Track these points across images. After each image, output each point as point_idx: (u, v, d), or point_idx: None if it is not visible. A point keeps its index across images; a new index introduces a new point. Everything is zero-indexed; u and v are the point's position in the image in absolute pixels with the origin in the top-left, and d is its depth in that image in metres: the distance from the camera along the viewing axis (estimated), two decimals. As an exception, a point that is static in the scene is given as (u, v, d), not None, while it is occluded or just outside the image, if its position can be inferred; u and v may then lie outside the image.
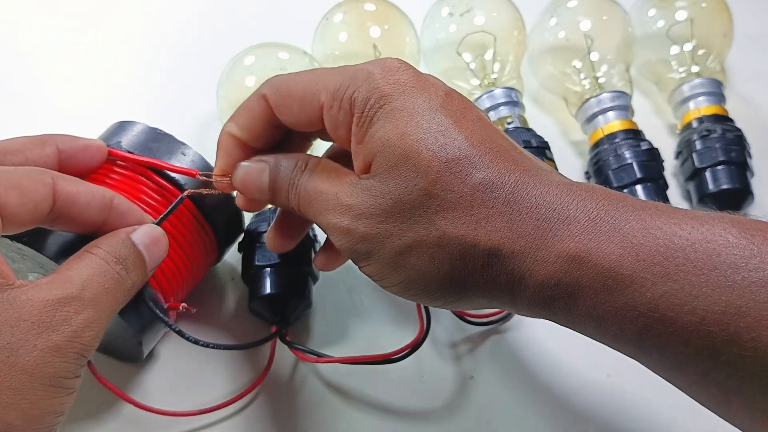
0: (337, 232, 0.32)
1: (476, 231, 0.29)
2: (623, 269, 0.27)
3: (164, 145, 0.41)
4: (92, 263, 0.32)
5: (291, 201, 0.34)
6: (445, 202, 0.30)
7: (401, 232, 0.30)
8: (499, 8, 0.54)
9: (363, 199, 0.31)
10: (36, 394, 0.28)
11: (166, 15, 0.64)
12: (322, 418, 0.42)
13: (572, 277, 0.28)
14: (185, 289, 0.42)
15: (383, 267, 0.31)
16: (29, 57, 0.60)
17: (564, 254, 0.28)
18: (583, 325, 0.29)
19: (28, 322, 0.28)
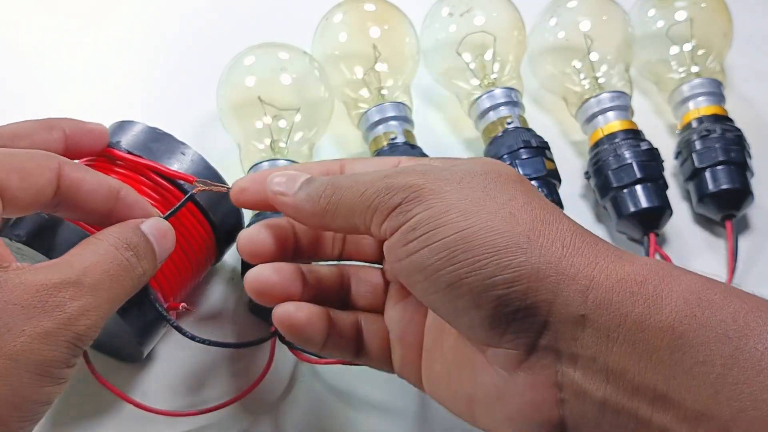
0: (405, 173, 0.30)
1: (562, 215, 0.29)
2: (714, 298, 0.26)
3: (164, 144, 0.41)
4: (99, 249, 0.31)
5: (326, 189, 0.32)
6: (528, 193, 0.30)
7: (485, 185, 0.30)
8: (499, 8, 0.54)
9: (439, 165, 0.31)
10: (19, 381, 0.27)
11: (166, 15, 0.64)
12: (321, 418, 0.42)
13: (663, 279, 0.27)
14: (185, 289, 0.42)
15: (449, 209, 0.28)
16: (29, 57, 0.60)
17: (652, 261, 0.28)
18: (655, 342, 0.26)
19: (18, 306, 0.27)
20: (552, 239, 0.28)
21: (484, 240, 0.28)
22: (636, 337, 0.26)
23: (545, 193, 0.47)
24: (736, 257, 0.48)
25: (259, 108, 0.48)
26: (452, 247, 0.28)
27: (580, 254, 0.28)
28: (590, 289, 0.27)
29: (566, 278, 0.27)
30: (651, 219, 0.47)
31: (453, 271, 0.28)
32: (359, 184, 0.31)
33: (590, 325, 0.27)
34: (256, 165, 0.47)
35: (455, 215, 0.28)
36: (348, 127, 0.54)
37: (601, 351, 0.27)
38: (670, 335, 0.26)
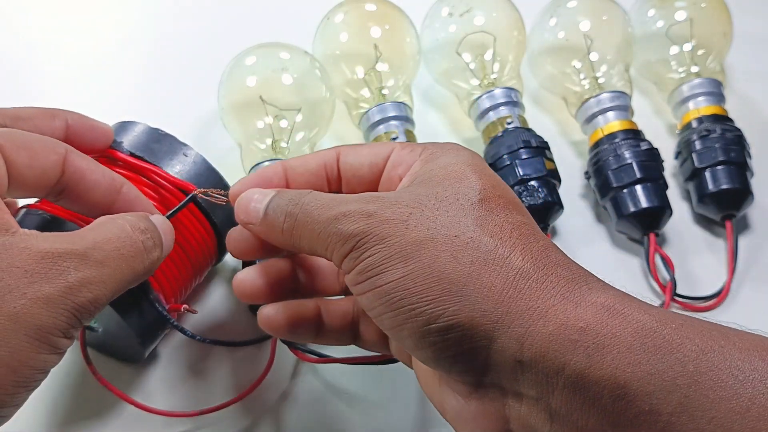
0: (352, 216, 0.30)
1: (512, 251, 0.28)
2: (665, 333, 0.26)
3: (166, 146, 0.41)
4: (115, 227, 0.31)
5: (287, 212, 0.32)
6: (487, 218, 0.29)
7: (432, 224, 0.29)
8: (499, 8, 0.54)
9: (400, 194, 0.31)
10: (18, 343, 0.27)
11: (168, 15, 0.64)
12: (322, 418, 0.42)
13: (606, 326, 0.26)
14: (186, 290, 0.42)
15: (393, 254, 0.28)
16: (29, 57, 0.60)
17: (600, 303, 0.27)
18: (598, 393, 0.26)
19: (21, 269, 0.27)
20: (491, 283, 0.27)
21: (421, 287, 0.28)
22: (576, 386, 0.26)
23: (545, 194, 0.47)
24: (736, 257, 0.48)
25: (261, 108, 0.48)
26: (392, 294, 0.28)
27: (520, 298, 0.27)
28: (526, 336, 0.27)
29: (502, 326, 0.27)
30: (651, 219, 0.47)
31: (393, 317, 0.29)
32: (314, 222, 0.31)
33: (528, 370, 0.27)
34: (257, 165, 0.47)
35: (396, 261, 0.28)
36: (349, 127, 0.54)
37: (543, 393, 0.27)
38: (612, 384, 0.25)
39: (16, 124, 0.34)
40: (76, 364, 0.42)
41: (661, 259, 0.47)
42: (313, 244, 0.31)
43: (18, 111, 0.35)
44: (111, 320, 0.38)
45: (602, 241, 0.50)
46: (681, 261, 0.48)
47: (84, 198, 0.33)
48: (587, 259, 0.48)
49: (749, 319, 0.46)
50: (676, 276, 0.47)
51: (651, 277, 0.47)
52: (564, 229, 0.50)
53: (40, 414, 0.41)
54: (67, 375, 0.42)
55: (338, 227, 0.30)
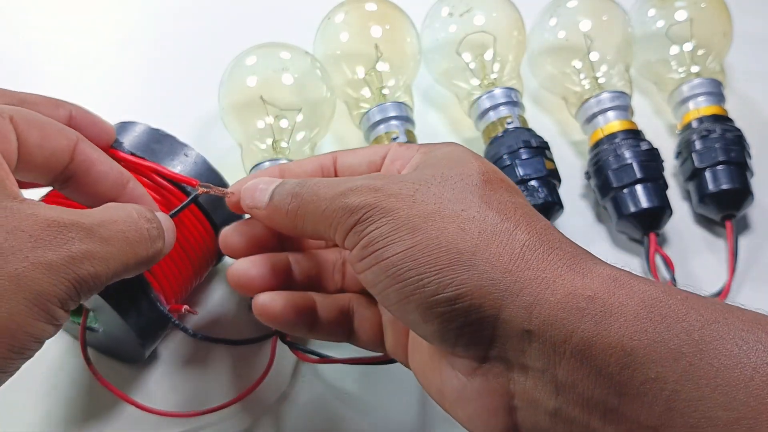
0: (359, 191, 0.30)
1: (516, 227, 0.29)
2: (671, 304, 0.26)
3: (166, 146, 0.41)
4: (122, 211, 0.31)
5: (293, 193, 0.32)
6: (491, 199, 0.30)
7: (438, 199, 0.29)
8: (499, 8, 0.54)
9: (406, 175, 0.31)
10: (17, 306, 0.26)
11: (168, 15, 0.64)
12: (322, 418, 0.42)
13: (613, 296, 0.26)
14: (187, 290, 0.42)
15: (398, 227, 0.29)
16: (29, 57, 0.60)
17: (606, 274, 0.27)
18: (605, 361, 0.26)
19: (26, 233, 0.27)
20: (499, 253, 0.28)
21: (428, 257, 0.28)
22: (584, 354, 0.26)
23: (545, 194, 0.47)
24: (736, 257, 0.48)
25: (261, 108, 0.48)
26: (399, 265, 0.28)
27: (527, 268, 0.28)
28: (534, 305, 0.27)
29: (510, 294, 0.27)
30: (651, 219, 0.47)
31: (400, 289, 0.28)
32: (320, 200, 0.31)
33: (536, 340, 0.27)
34: (258, 165, 0.47)
35: (404, 233, 0.29)
36: (349, 127, 0.54)
37: (550, 364, 0.27)
38: (619, 352, 0.25)
39: (22, 106, 0.34)
40: (76, 364, 0.42)
41: (661, 259, 0.47)
42: (317, 223, 0.31)
43: (23, 95, 0.35)
44: (111, 321, 0.38)
45: (602, 241, 0.50)
46: (681, 261, 0.48)
47: (90, 188, 0.34)
48: (587, 259, 0.48)
49: (749, 319, 0.46)
50: (676, 276, 0.47)
51: (651, 277, 0.47)
52: (564, 229, 0.50)
53: (40, 414, 0.41)
54: (68, 375, 0.42)
55: (344, 201, 0.30)
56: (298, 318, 0.35)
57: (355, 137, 0.54)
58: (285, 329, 0.36)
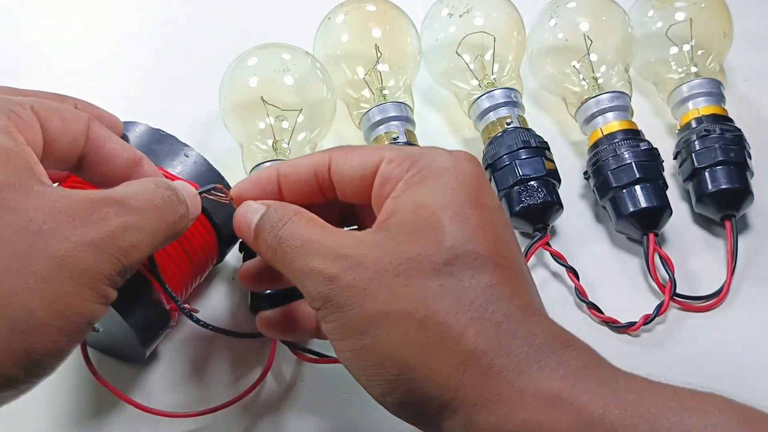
0: (316, 277, 0.30)
1: (466, 327, 0.28)
2: (609, 420, 0.25)
3: (167, 146, 0.41)
4: (142, 183, 0.32)
5: (269, 244, 0.32)
6: (449, 285, 0.28)
7: (389, 297, 0.28)
8: (499, 9, 0.54)
9: (366, 251, 0.29)
10: (63, 287, 0.26)
11: (169, 15, 0.64)
12: (322, 417, 0.42)
13: (546, 419, 0.26)
14: (187, 289, 0.42)
15: (349, 328, 0.29)
16: (30, 57, 0.60)
17: (545, 390, 0.26)
18: None
19: (64, 213, 0.27)
20: (440, 369, 0.28)
21: (374, 363, 0.29)
22: None
23: (545, 194, 0.47)
24: (736, 257, 0.48)
25: (262, 108, 0.48)
26: (349, 364, 0.30)
27: (466, 386, 0.27)
28: (470, 425, 0.27)
29: (448, 410, 0.28)
30: (650, 219, 0.47)
31: (357, 377, 0.30)
32: (288, 266, 0.31)
33: None
34: (258, 165, 0.47)
35: (352, 334, 0.29)
36: (349, 127, 0.54)
37: None
38: None
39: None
40: (76, 364, 0.42)
41: (660, 259, 0.47)
42: (291, 280, 0.32)
43: (27, 92, 0.36)
44: (112, 320, 0.38)
45: (602, 241, 0.50)
46: (680, 261, 0.48)
47: (104, 167, 0.34)
48: (587, 259, 0.48)
49: (749, 319, 0.46)
50: (676, 276, 0.47)
51: (650, 277, 0.47)
52: (564, 229, 0.50)
53: (40, 414, 0.41)
54: (68, 375, 0.42)
55: (306, 284, 0.30)
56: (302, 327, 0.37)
57: (355, 137, 0.54)
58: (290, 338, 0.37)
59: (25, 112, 0.31)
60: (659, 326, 0.46)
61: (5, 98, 0.31)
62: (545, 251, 0.48)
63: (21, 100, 0.31)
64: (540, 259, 0.49)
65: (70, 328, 0.27)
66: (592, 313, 0.46)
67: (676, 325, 0.46)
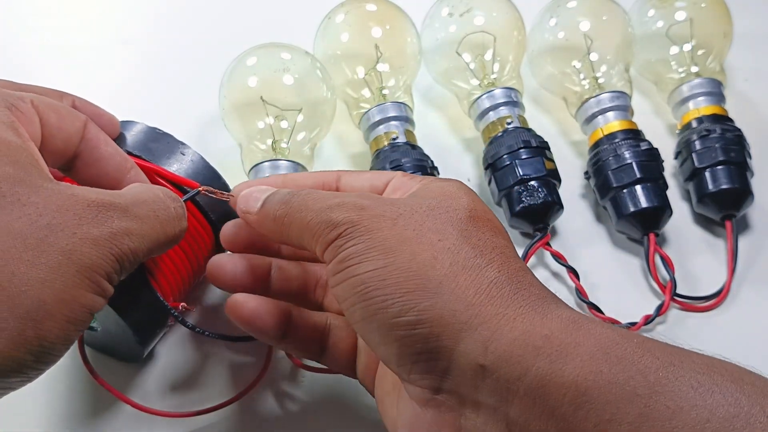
0: (345, 207, 0.31)
1: (488, 266, 0.29)
2: (625, 348, 0.26)
3: (163, 144, 0.41)
4: (150, 191, 0.33)
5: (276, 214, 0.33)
6: (470, 236, 0.30)
7: (418, 227, 0.30)
8: (499, 8, 0.54)
9: (395, 198, 0.32)
10: (70, 279, 0.28)
11: (169, 15, 0.64)
12: (320, 418, 0.42)
13: (569, 337, 0.27)
14: (185, 289, 0.42)
15: (376, 246, 0.29)
16: (29, 57, 0.60)
17: (566, 317, 0.27)
18: (558, 401, 0.26)
19: (71, 212, 0.28)
20: (465, 286, 0.28)
21: (396, 280, 0.28)
22: (537, 393, 0.26)
23: (545, 194, 0.47)
24: (736, 257, 0.48)
25: (261, 108, 0.48)
26: (367, 283, 0.29)
27: (490, 304, 0.28)
28: (491, 340, 0.27)
29: (469, 327, 0.27)
30: (651, 219, 0.47)
31: (365, 306, 0.29)
32: (307, 210, 0.32)
33: (490, 376, 0.27)
34: (258, 165, 0.47)
35: (377, 253, 0.29)
36: (349, 127, 0.54)
37: (502, 402, 0.27)
38: (574, 392, 0.25)
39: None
40: (74, 363, 0.42)
41: (660, 259, 0.47)
42: (302, 233, 0.32)
43: (27, 86, 0.36)
44: (109, 319, 0.38)
45: (602, 241, 0.50)
46: (681, 261, 0.48)
47: (94, 168, 0.35)
48: (587, 259, 0.48)
49: (749, 319, 0.46)
50: (676, 276, 0.47)
51: (651, 277, 0.47)
52: (564, 229, 0.50)
53: (37, 413, 0.41)
54: (65, 374, 0.42)
55: (329, 215, 0.31)
56: (270, 324, 0.35)
57: (355, 137, 0.54)
58: (255, 333, 0.36)
59: (25, 107, 0.31)
60: (660, 326, 0.46)
61: (6, 92, 0.32)
62: (545, 251, 0.48)
63: (21, 95, 0.32)
64: (540, 259, 0.49)
65: (76, 317, 0.28)
66: (593, 314, 0.46)
67: (676, 325, 0.46)
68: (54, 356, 0.28)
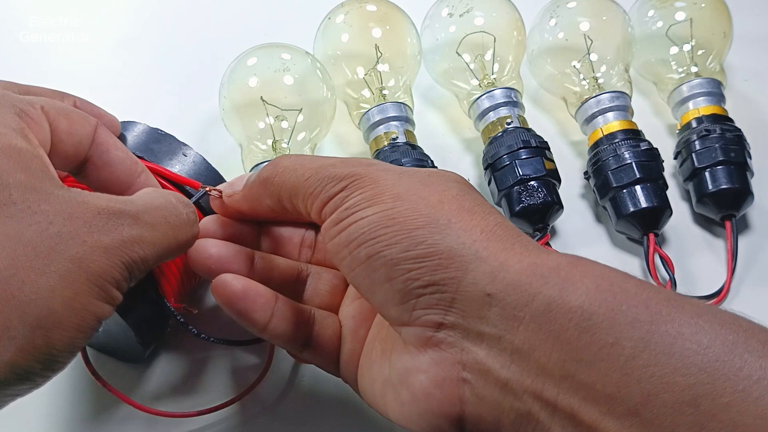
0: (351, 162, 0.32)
1: (490, 213, 0.30)
2: (629, 285, 0.27)
3: (165, 146, 0.41)
4: (162, 197, 0.32)
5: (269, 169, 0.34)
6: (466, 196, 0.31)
7: (424, 181, 0.31)
8: (499, 9, 0.54)
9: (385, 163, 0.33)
10: (80, 287, 0.28)
11: (169, 15, 0.64)
12: (320, 417, 0.42)
13: (577, 269, 0.28)
14: (186, 290, 0.42)
15: (383, 193, 0.30)
16: (29, 57, 0.60)
17: (566, 257, 0.28)
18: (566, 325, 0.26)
19: (81, 219, 0.28)
20: (473, 225, 0.29)
21: (405, 219, 0.29)
22: (543, 318, 0.26)
23: (545, 194, 0.47)
24: (736, 257, 0.48)
25: (262, 108, 0.48)
26: (376, 223, 0.29)
27: (497, 240, 0.29)
28: (499, 270, 0.28)
29: (477, 259, 0.28)
30: (650, 219, 0.47)
31: (372, 245, 0.29)
32: (304, 169, 0.32)
33: (496, 304, 0.27)
34: (258, 165, 0.47)
35: (386, 197, 0.30)
36: (349, 127, 0.54)
37: (507, 330, 0.27)
38: (579, 316, 0.26)
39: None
40: (75, 364, 0.42)
41: (660, 259, 0.47)
42: (295, 190, 0.32)
43: (29, 87, 0.36)
44: (111, 320, 0.38)
45: (602, 241, 0.50)
46: (681, 261, 0.48)
47: (105, 172, 0.34)
48: (587, 259, 0.48)
49: (749, 319, 0.46)
50: (676, 276, 0.47)
51: (651, 277, 0.47)
52: (564, 229, 0.50)
53: (39, 414, 0.41)
54: (67, 375, 0.42)
55: (332, 170, 0.31)
56: (258, 308, 0.34)
57: (355, 137, 0.54)
58: (241, 315, 0.34)
59: (35, 112, 0.31)
60: (659, 326, 0.46)
61: (16, 97, 0.32)
62: (545, 251, 0.48)
63: (31, 100, 0.32)
64: (540, 259, 0.49)
65: (84, 325, 0.28)
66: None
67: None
68: (61, 363, 0.29)
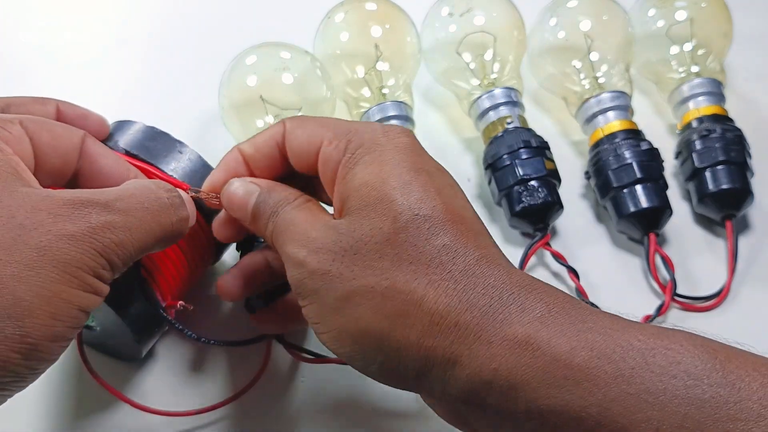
0: (291, 262, 0.32)
1: (426, 290, 0.29)
2: (576, 362, 0.26)
3: (161, 143, 0.41)
4: (139, 185, 0.33)
5: (267, 228, 0.34)
6: (403, 253, 0.30)
7: (351, 275, 0.30)
8: (499, 8, 0.54)
9: (326, 234, 0.31)
10: (48, 275, 0.28)
11: (168, 14, 0.64)
12: (319, 418, 0.42)
13: (517, 365, 0.27)
14: (183, 289, 0.42)
15: (324, 309, 0.31)
16: (27, 56, 0.60)
17: (512, 338, 0.27)
18: (519, 423, 0.28)
19: (45, 211, 0.28)
20: (408, 335, 0.29)
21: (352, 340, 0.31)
22: (499, 420, 0.29)
23: (545, 193, 0.47)
24: (736, 257, 0.48)
25: (261, 107, 0.48)
26: (330, 345, 0.32)
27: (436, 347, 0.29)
28: (446, 381, 0.29)
29: (423, 373, 0.30)
30: (651, 219, 0.47)
31: (339, 351, 0.32)
32: (283, 256, 0.33)
33: (455, 402, 0.30)
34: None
35: (328, 316, 0.31)
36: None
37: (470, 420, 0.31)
38: (533, 416, 0.27)
39: (9, 110, 0.35)
40: (73, 362, 0.42)
41: (661, 259, 0.47)
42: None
43: (9, 99, 0.36)
44: (108, 318, 0.38)
45: (602, 241, 0.50)
46: (681, 261, 0.48)
47: (97, 182, 0.34)
48: (587, 259, 0.48)
49: (749, 319, 0.46)
50: (676, 276, 0.46)
51: (651, 277, 0.47)
52: (564, 229, 0.50)
53: (36, 412, 0.41)
54: (64, 374, 0.42)
55: (288, 270, 0.33)
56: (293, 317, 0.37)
57: (354, 137, 0.54)
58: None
59: (14, 128, 0.32)
60: (660, 326, 0.46)
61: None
62: (546, 251, 0.48)
63: (9, 117, 0.32)
64: (540, 259, 0.49)
65: (62, 313, 0.28)
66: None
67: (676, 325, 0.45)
68: (45, 354, 0.28)
